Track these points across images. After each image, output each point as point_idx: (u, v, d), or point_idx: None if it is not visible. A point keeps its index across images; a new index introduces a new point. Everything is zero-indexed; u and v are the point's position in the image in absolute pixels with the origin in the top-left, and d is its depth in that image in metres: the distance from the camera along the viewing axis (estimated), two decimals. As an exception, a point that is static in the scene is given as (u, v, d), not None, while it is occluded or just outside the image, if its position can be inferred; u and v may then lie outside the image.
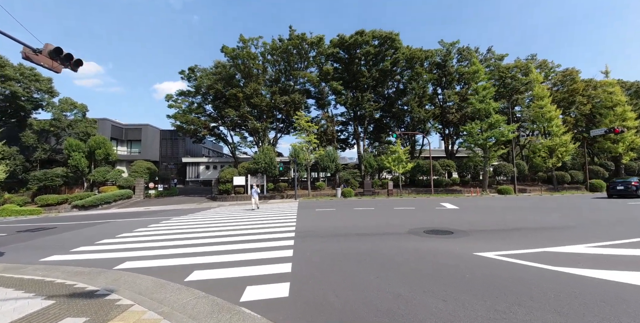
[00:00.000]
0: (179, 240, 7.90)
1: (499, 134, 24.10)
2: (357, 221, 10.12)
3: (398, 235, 7.24)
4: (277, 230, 8.60)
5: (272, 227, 9.27)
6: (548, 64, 37.84)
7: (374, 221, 10.11)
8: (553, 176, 29.78)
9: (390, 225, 9.07)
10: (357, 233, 7.72)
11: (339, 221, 10.42)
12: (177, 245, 7.33)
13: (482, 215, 10.94)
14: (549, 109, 28.87)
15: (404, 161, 23.87)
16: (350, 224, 9.58)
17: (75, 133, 31.60)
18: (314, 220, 10.65)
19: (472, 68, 25.95)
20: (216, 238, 7.83)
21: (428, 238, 6.87)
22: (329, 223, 9.87)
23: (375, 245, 6.35)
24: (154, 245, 7.56)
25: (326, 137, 29.97)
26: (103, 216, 17.58)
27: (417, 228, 8.11)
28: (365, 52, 28.88)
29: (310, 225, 9.50)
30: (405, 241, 6.51)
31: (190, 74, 31.10)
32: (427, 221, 9.49)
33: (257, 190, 16.73)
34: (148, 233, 9.43)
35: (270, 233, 8.13)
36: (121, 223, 13.12)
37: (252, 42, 28.49)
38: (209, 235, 8.46)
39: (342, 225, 9.37)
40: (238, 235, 8.25)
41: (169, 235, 8.97)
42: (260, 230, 8.83)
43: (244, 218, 12.17)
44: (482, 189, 25.03)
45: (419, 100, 29.80)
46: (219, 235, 8.32)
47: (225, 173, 26.22)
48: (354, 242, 6.72)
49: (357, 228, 8.54)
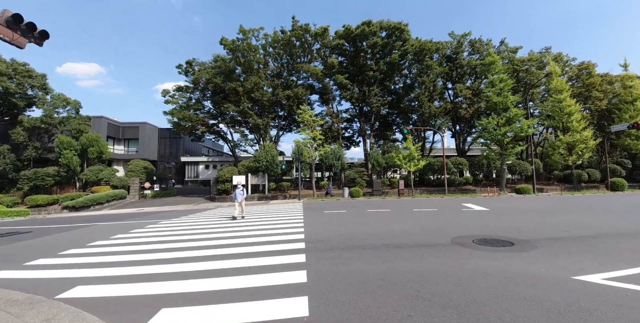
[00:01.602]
0: (156, 253, 6.29)
1: (517, 129, 22.39)
2: (378, 227, 8.46)
3: (441, 247, 5.60)
4: (282, 239, 6.99)
5: (276, 234, 7.64)
6: (563, 57, 36.09)
7: (399, 226, 8.45)
8: (573, 174, 28.01)
9: (423, 232, 7.40)
10: (386, 244, 6.05)
11: (356, 226, 8.78)
12: (152, 260, 5.72)
13: (525, 218, 9.31)
14: (568, 104, 27.11)
15: (416, 158, 22.19)
16: (371, 230, 7.90)
17: (67, 130, 30.13)
18: (325, 225, 9.02)
19: (488, 59, 24.25)
20: (204, 250, 6.21)
21: (485, 251, 5.22)
22: (344, 229, 8.22)
23: (418, 263, 4.72)
24: (124, 259, 5.95)
25: (331, 134, 28.32)
26: (90, 218, 16.02)
27: (460, 236, 6.47)
28: (372, 43, 27.23)
29: (322, 232, 7.86)
30: (458, 257, 4.89)
31: (188, 68, 29.55)
32: (464, 227, 7.83)
33: (242, 191, 11.69)
34: (124, 242, 7.83)
35: (273, 243, 6.52)
36: (103, 227, 11.54)
37: (252, 33, 26.88)
38: (195, 244, 6.85)
39: (361, 232, 7.69)
40: (233, 245, 6.64)
41: (148, 244, 7.36)
42: (261, 238, 7.21)
43: (241, 222, 10.56)
44: (499, 189, 23.31)
45: (429, 94, 28.10)
46: (209, 246, 6.70)
47: (224, 172, 24.62)
48: (389, 258, 5.08)
49: (382, 236, 6.91)
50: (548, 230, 7.15)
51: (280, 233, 7.76)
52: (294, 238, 7.03)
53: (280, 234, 7.69)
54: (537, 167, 29.54)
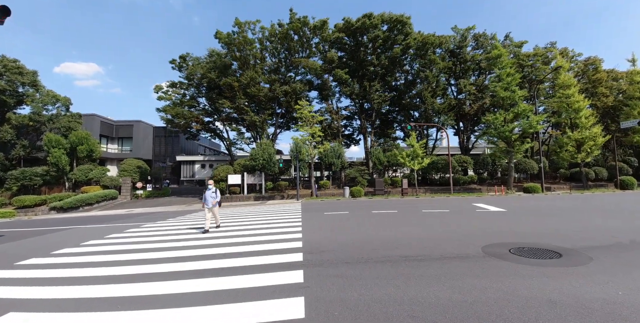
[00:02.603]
0: (123, 266, 5.22)
1: (526, 125, 21.36)
2: (389, 232, 7.27)
3: (474, 261, 4.48)
4: (276, 247, 5.91)
5: (269, 241, 6.55)
6: (568, 52, 35.16)
7: (412, 231, 7.34)
8: (582, 172, 27.04)
9: (443, 238, 6.22)
10: (404, 256, 4.86)
11: (362, 231, 7.60)
12: (114, 276, 4.65)
13: (552, 220, 8.29)
14: (576, 99, 26.10)
15: (420, 156, 21.12)
16: (381, 236, 6.73)
17: (56, 127, 28.90)
18: (326, 230, 7.89)
19: (494, 52, 23.20)
20: (179, 264, 5.11)
21: (531, 266, 4.07)
22: (349, 235, 7.04)
23: (454, 286, 3.53)
24: (84, 274, 4.88)
25: (331, 131, 27.24)
26: (75, 220, 14.91)
27: (492, 245, 5.37)
28: (373, 37, 26.16)
29: (323, 239, 6.69)
30: (502, 276, 3.73)
31: (182, 63, 28.42)
32: (488, 232, 6.75)
33: (214, 194, 8.64)
34: (92, 250, 6.76)
35: (264, 254, 5.42)
36: (80, 231, 10.45)
37: (248, 26, 25.77)
38: (168, 255, 5.77)
39: (369, 238, 6.49)
40: (215, 256, 5.56)
41: (115, 253, 6.30)
42: (250, 246, 6.10)
43: (231, 225, 9.48)
44: (506, 188, 22.29)
45: (432, 90, 27.05)
46: (184, 257, 5.63)
47: (219, 171, 23.52)
48: (412, 278, 3.82)
49: (396, 245, 5.78)
50: (591, 235, 6.10)
51: (274, 240, 6.66)
52: (289, 246, 5.94)
53: (274, 241, 6.59)
54: (543, 165, 28.58)
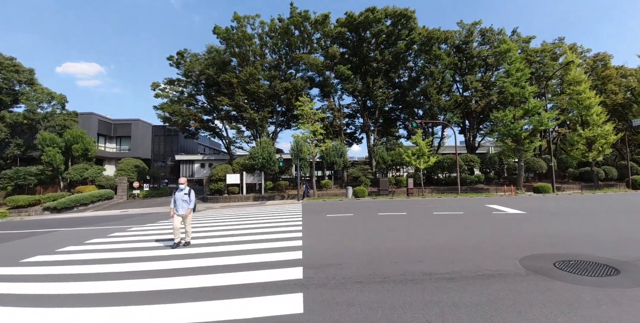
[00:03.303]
0: (83, 281, 4.41)
1: (536, 122, 20.44)
2: (402, 239, 6.29)
3: (515, 279, 3.61)
4: (270, 259, 5.02)
5: (263, 251, 5.66)
6: (577, 48, 34.20)
7: (430, 238, 6.34)
8: (593, 172, 26.11)
9: (469, 248, 5.26)
10: (428, 273, 3.89)
11: (371, 237, 6.62)
12: (71, 296, 3.83)
13: (580, 224, 7.46)
14: (587, 96, 25.14)
15: (426, 154, 20.23)
16: (395, 245, 5.71)
17: (51, 126, 28.22)
18: (330, 236, 6.96)
19: (503, 47, 22.28)
20: (149, 281, 4.29)
21: (589, 287, 3.20)
22: (357, 243, 6.06)
23: (499, 318, 2.63)
24: (42, 290, 4.07)
25: (333, 129, 26.39)
26: (64, 222, 14.15)
27: (530, 257, 4.48)
28: (376, 31, 25.30)
29: (327, 248, 5.73)
30: (560, 303, 2.86)
31: (179, 59, 27.64)
32: (517, 239, 5.81)
33: (188, 197, 6.67)
34: (66, 258, 6.00)
35: (255, 268, 4.51)
36: (64, 234, 9.68)
37: (247, 21, 24.96)
38: (147, 268, 4.93)
39: (381, 247, 5.52)
40: (196, 270, 4.74)
41: (88, 263, 5.50)
42: (240, 258, 5.22)
43: (223, 228, 8.68)
44: (516, 188, 21.39)
45: (437, 87, 26.16)
46: (160, 271, 4.81)
47: (217, 170, 22.73)
48: (446, 308, 2.87)
49: (414, 256, 4.83)
50: (635, 243, 5.24)
51: (269, 249, 5.78)
52: (287, 257, 5.05)
53: (269, 250, 5.72)
54: (550, 164, 27.67)
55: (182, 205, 6.56)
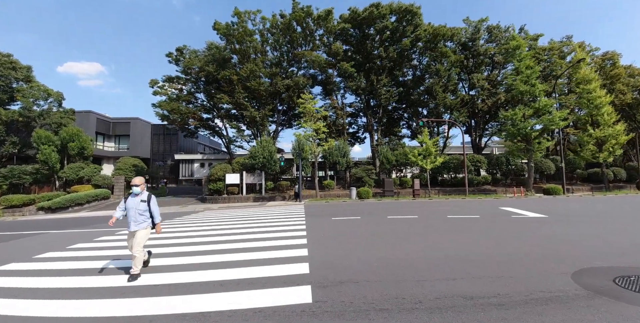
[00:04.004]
0: (57, 298, 3.70)
1: (547, 121, 19.68)
2: (424, 248, 5.50)
3: (577, 302, 2.92)
4: (271, 274, 4.23)
5: (262, 262, 4.92)
6: (585, 46, 33.43)
7: (456, 247, 5.53)
8: (603, 173, 25.40)
9: (504, 260, 4.45)
10: (467, 295, 3.16)
11: (387, 245, 5.81)
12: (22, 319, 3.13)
13: (612, 229, 6.71)
14: (597, 95, 24.41)
15: (433, 154, 19.49)
16: (417, 256, 4.90)
17: (47, 123, 27.55)
18: (338, 243, 6.18)
19: (512, 43, 21.57)
20: (128, 301, 3.58)
21: None
22: (370, 252, 5.25)
23: None
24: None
25: (335, 128, 25.66)
26: (56, 222, 13.47)
27: (580, 271, 3.76)
28: (381, 28, 24.58)
29: (337, 259, 4.93)
30: None
31: (178, 56, 26.95)
32: (552, 249, 5.08)
33: (144, 202, 4.58)
34: (40, 267, 5.34)
35: (253, 287, 3.77)
36: (50, 237, 8.99)
37: (248, 16, 24.26)
38: (116, 283, 4.23)
39: (402, 259, 4.68)
40: (178, 288, 4.02)
41: (59, 275, 4.78)
42: (237, 271, 4.47)
43: (218, 234, 7.97)
44: (525, 189, 20.64)
45: (443, 85, 25.41)
46: (135, 287, 4.09)
47: (216, 169, 22.02)
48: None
49: (445, 271, 4.04)
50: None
51: (270, 260, 4.96)
52: (291, 272, 4.22)
53: (270, 261, 4.90)
54: (558, 165, 26.93)
55: (137, 219, 4.28)
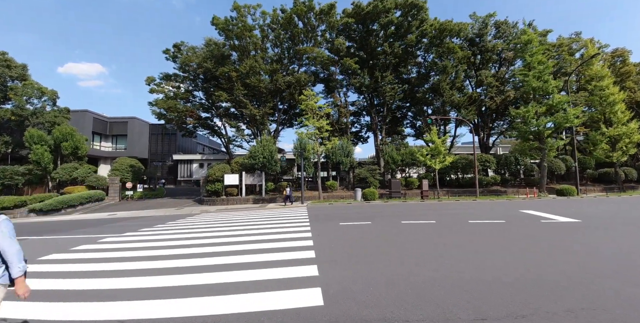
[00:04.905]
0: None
1: (562, 118, 18.75)
2: (462, 265, 4.42)
3: None
4: (273, 307, 3.14)
5: (260, 286, 3.87)
6: (594, 43, 32.50)
7: (498, 264, 4.44)
8: (617, 173, 24.43)
9: (574, 281, 3.55)
10: None
11: (413, 261, 4.76)
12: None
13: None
14: (611, 92, 23.48)
15: (442, 153, 18.55)
16: (459, 277, 3.86)
17: (40, 122, 26.65)
18: (355, 258, 5.10)
19: (523, 38, 20.67)
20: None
21: None
22: (398, 271, 4.18)
23: None
24: None
25: (339, 126, 24.73)
26: (43, 226, 12.62)
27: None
28: (385, 23, 23.68)
29: (356, 281, 3.82)
30: None
31: (176, 52, 26.05)
32: (618, 264, 4.18)
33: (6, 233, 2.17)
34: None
35: None
36: (31, 244, 8.13)
37: (248, 10, 23.39)
38: (84, 310, 3.31)
39: (441, 284, 3.63)
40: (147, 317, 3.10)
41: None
42: (215, 301, 3.50)
43: (209, 243, 7.05)
44: (538, 190, 19.71)
45: (451, 82, 24.49)
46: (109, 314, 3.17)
47: (214, 170, 21.11)
48: None
49: (506, 300, 3.03)
50: None
51: (268, 284, 3.83)
52: (298, 304, 3.13)
53: (268, 285, 3.78)
54: (569, 165, 25.98)
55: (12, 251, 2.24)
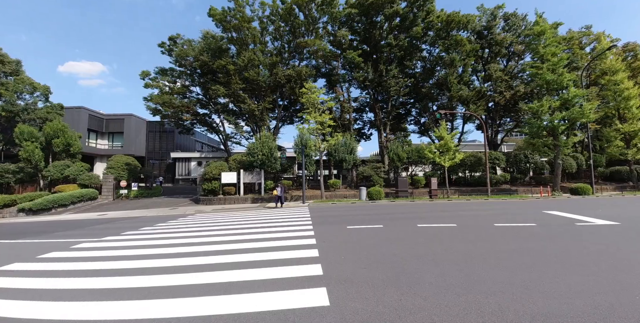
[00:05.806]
0: None
1: (578, 113, 17.72)
2: (524, 291, 3.24)
3: None
4: None
5: (246, 321, 2.95)
6: (605, 37, 31.37)
7: (572, 285, 3.39)
8: (632, 171, 23.41)
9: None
10: None
11: (450, 281, 3.62)
12: None
13: None
14: (626, 86, 22.45)
15: (452, 150, 17.55)
16: (533, 312, 2.70)
17: (31, 119, 25.69)
18: (371, 272, 4.05)
19: (536, 29, 19.64)
20: None
21: None
22: (437, 299, 3.09)
23: None
24: None
25: (341, 122, 23.72)
26: (29, 227, 11.73)
27: None
28: (391, 13, 22.62)
29: (382, 312, 2.79)
30: None
31: (172, 45, 25.01)
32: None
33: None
34: None
35: None
36: (4, 248, 7.11)
37: (246, 1, 22.36)
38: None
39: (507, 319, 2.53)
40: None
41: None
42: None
43: (196, 252, 6.10)
44: (552, 189, 18.72)
45: (458, 76, 23.45)
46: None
47: (211, 168, 20.14)
48: None
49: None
50: None
51: (264, 317, 2.94)
52: None
53: (265, 318, 2.89)
54: (580, 163, 24.98)
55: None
